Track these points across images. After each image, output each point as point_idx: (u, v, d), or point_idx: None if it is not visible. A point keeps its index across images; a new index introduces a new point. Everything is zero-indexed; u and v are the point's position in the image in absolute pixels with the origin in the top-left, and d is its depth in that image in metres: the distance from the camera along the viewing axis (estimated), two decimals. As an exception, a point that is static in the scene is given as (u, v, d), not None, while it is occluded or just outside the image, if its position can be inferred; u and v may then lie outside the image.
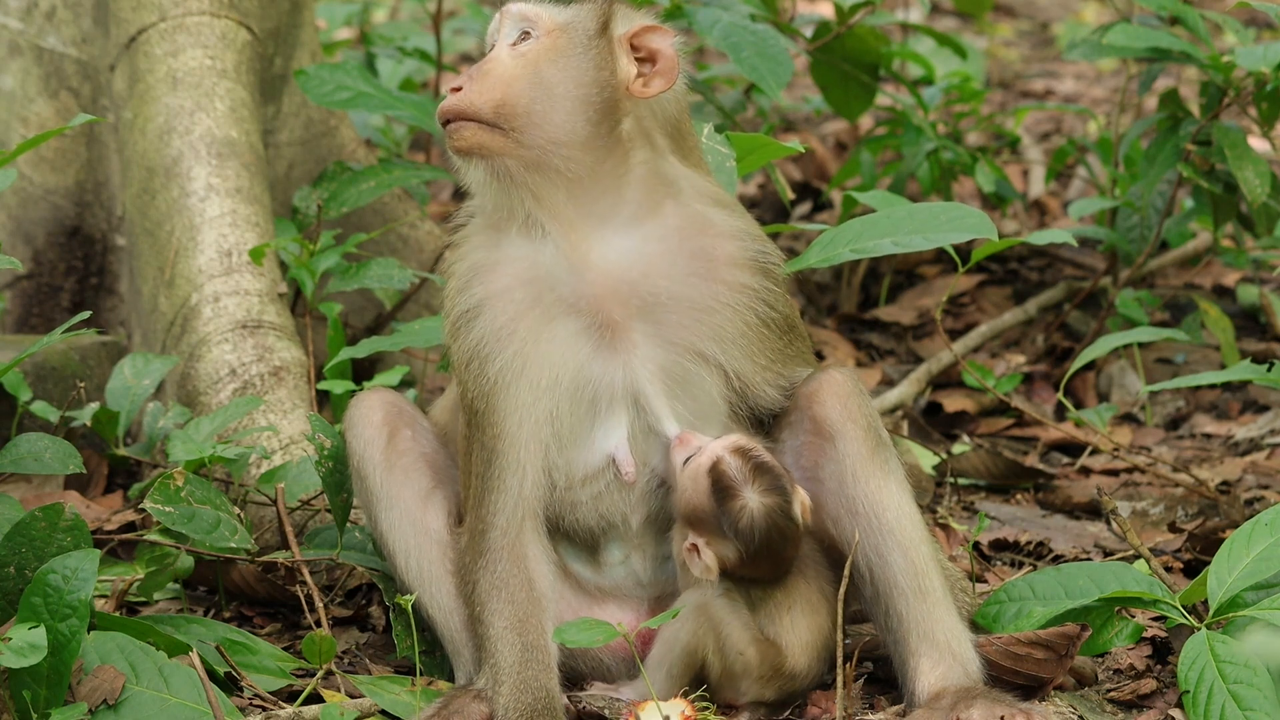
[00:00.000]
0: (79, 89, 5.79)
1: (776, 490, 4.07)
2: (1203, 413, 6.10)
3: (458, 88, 4.04)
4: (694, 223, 4.12)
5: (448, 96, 4.04)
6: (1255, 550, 4.14)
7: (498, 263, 4.12)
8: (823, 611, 4.17)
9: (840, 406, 4.14)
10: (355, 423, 4.34)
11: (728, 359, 4.13)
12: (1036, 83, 9.94)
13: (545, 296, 4.07)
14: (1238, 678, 3.94)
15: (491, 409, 4.07)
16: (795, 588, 4.16)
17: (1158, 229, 6.27)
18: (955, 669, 4.05)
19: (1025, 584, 4.27)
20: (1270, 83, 5.79)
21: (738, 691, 4.11)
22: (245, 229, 5.41)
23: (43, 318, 5.77)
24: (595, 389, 4.08)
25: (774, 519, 4.06)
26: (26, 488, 5.19)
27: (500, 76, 4.03)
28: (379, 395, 4.38)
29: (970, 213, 4.56)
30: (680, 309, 4.09)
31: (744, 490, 4.06)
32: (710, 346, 4.11)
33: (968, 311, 6.85)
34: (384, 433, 4.31)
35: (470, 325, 4.11)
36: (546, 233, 4.06)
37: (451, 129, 4.04)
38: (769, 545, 4.08)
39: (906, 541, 4.09)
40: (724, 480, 4.05)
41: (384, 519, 4.29)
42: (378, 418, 4.33)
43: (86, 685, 4.00)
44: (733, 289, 4.12)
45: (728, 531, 4.06)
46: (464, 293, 4.13)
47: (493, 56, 4.07)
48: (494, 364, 4.07)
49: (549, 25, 4.06)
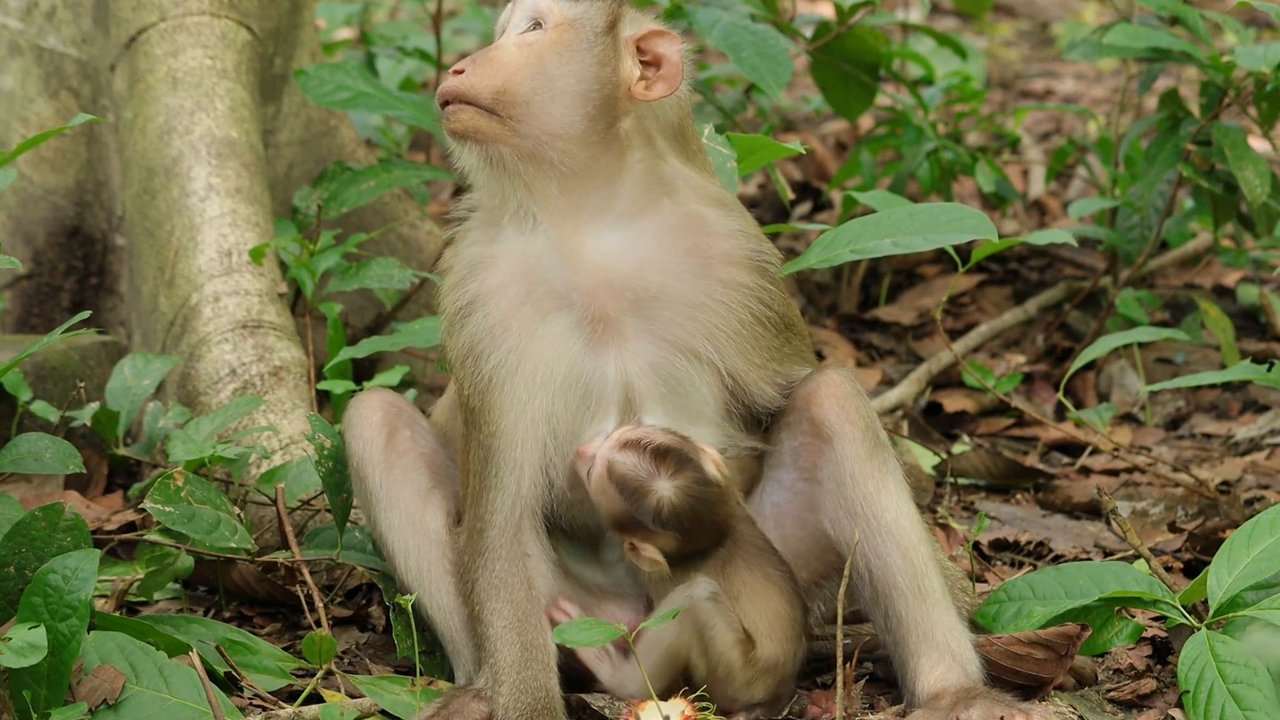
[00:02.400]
0: (79, 89, 5.79)
1: (683, 466, 4.04)
2: (1203, 413, 6.10)
3: (460, 70, 4.05)
4: (690, 221, 4.12)
5: (449, 78, 4.06)
6: (1256, 550, 4.14)
7: (493, 258, 4.12)
8: (772, 595, 4.13)
9: (838, 408, 4.14)
10: (354, 423, 4.33)
11: (721, 357, 4.13)
12: (1036, 83, 9.94)
13: (538, 290, 4.07)
14: (1238, 678, 3.94)
15: (487, 406, 4.07)
16: (737, 577, 4.13)
17: (1158, 229, 6.27)
18: (955, 669, 4.05)
19: (1025, 584, 4.26)
20: (1270, 83, 5.79)
21: (726, 696, 4.10)
22: (245, 229, 5.41)
23: (43, 318, 5.77)
24: (587, 385, 4.08)
25: (692, 494, 4.04)
26: (26, 488, 5.19)
27: (504, 64, 4.04)
28: (378, 395, 4.38)
29: (970, 213, 4.56)
30: (673, 305, 4.09)
31: (652, 483, 4.03)
32: (703, 344, 4.11)
33: (968, 311, 6.85)
34: (383, 433, 4.31)
35: (465, 321, 4.11)
36: (538, 224, 4.06)
37: (449, 110, 4.05)
38: (699, 519, 4.06)
39: (906, 542, 4.09)
40: (627, 482, 4.03)
41: (383, 519, 4.29)
42: (377, 418, 4.32)
43: (86, 685, 4.00)
44: (728, 286, 4.12)
45: (654, 526, 4.05)
46: (459, 289, 4.14)
47: (499, 44, 4.09)
48: (489, 361, 4.07)
49: (558, 19, 4.07)
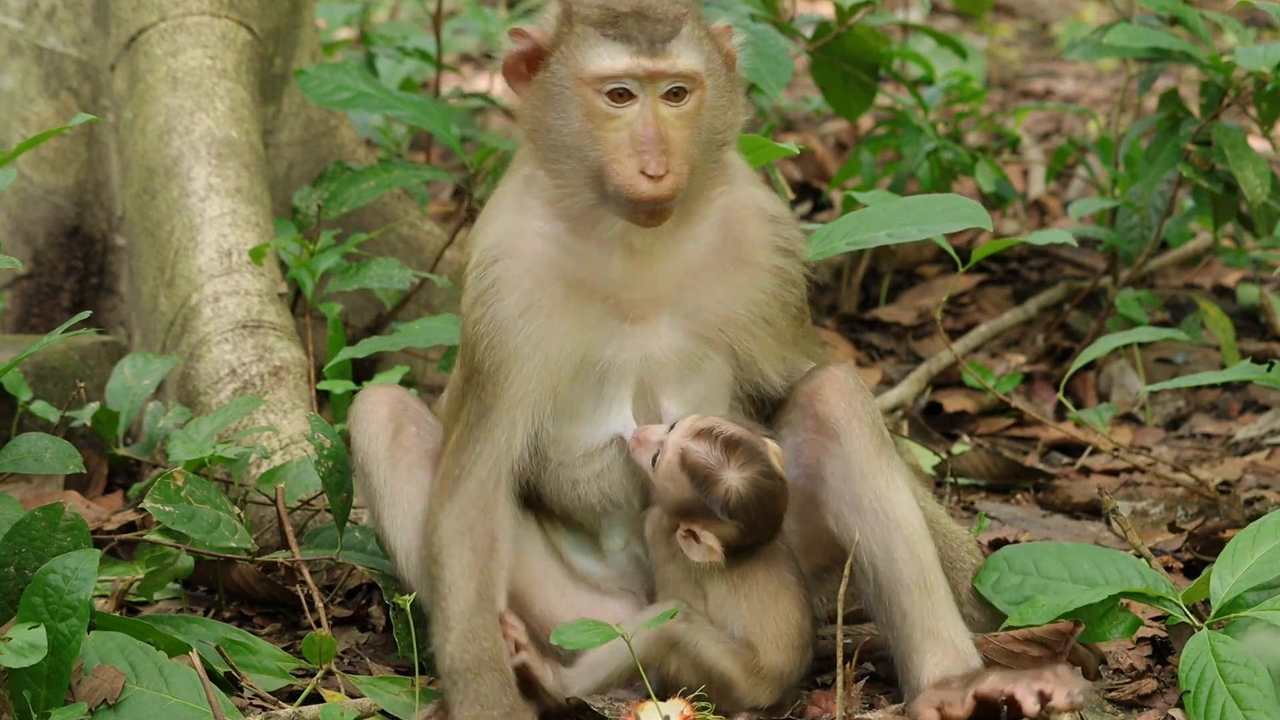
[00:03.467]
0: (79, 89, 5.79)
1: (753, 458, 4.07)
2: (1203, 413, 6.10)
3: (658, 175, 3.92)
4: (736, 206, 4.14)
5: (648, 183, 3.94)
6: (1259, 551, 4.14)
7: (526, 235, 4.09)
8: (784, 600, 4.14)
9: (844, 404, 4.15)
10: (360, 418, 4.32)
11: (743, 343, 4.15)
12: (1036, 83, 9.94)
13: (575, 274, 4.06)
14: (1239, 678, 3.94)
15: (500, 375, 4.06)
16: (753, 576, 4.15)
17: (1158, 229, 6.26)
18: (959, 662, 4.07)
19: (1029, 558, 4.25)
20: (1270, 83, 5.79)
21: (729, 701, 4.10)
22: (245, 229, 5.41)
23: (43, 318, 5.77)
24: (606, 368, 4.09)
25: (761, 486, 4.07)
26: (26, 488, 5.19)
27: (683, 150, 3.97)
28: (385, 391, 4.37)
29: (965, 203, 4.56)
30: (707, 295, 4.11)
31: (723, 472, 4.06)
32: (729, 329, 4.14)
33: (968, 311, 6.85)
34: (389, 429, 4.30)
35: (491, 298, 4.08)
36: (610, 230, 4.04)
37: (663, 211, 3.96)
38: (763, 511, 4.09)
39: (913, 538, 4.10)
40: (700, 470, 4.06)
41: (386, 516, 4.28)
42: (383, 413, 4.31)
43: (86, 685, 4.00)
44: (761, 271, 4.14)
45: (721, 515, 4.06)
46: (489, 265, 4.11)
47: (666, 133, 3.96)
48: (513, 338, 4.06)
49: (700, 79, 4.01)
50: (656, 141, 3.94)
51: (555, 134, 4.02)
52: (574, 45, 4.00)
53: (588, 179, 4.00)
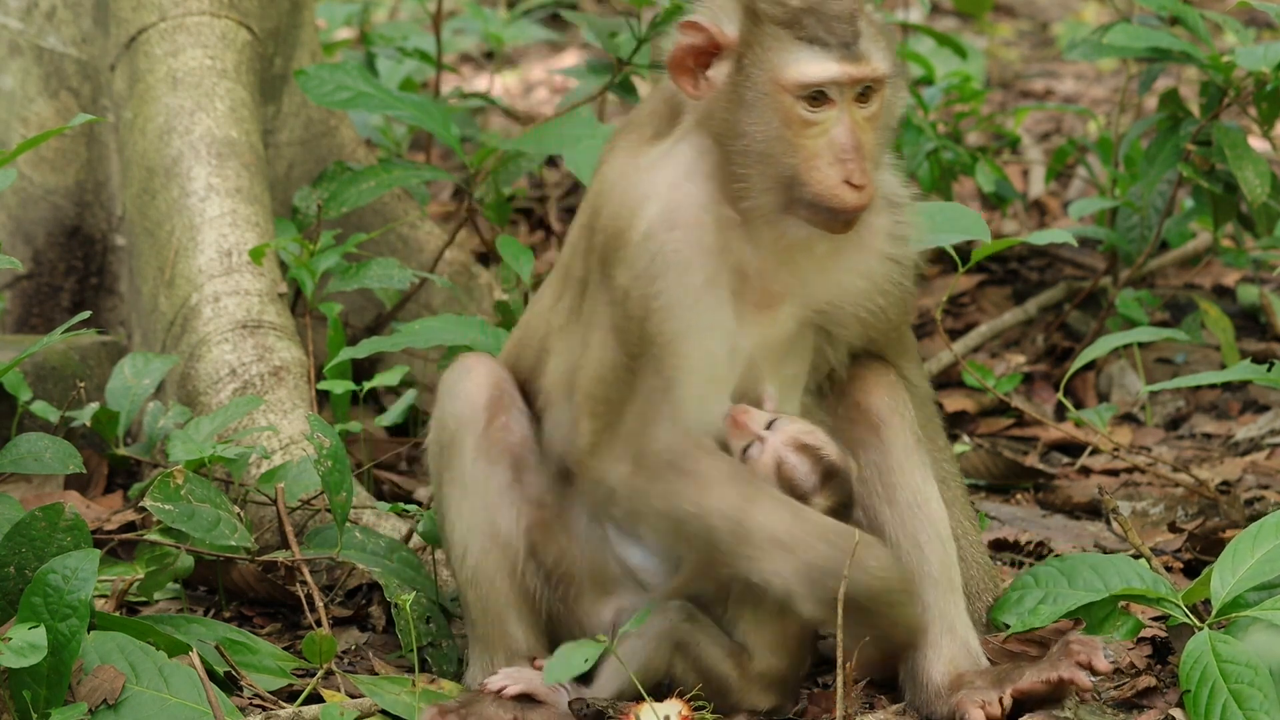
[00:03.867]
0: (79, 89, 5.79)
1: (842, 492, 4.05)
2: (1203, 413, 6.10)
3: (861, 185, 3.90)
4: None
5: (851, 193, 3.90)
6: (1260, 551, 4.14)
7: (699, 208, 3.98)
8: None
9: (888, 397, 4.17)
10: (457, 396, 4.22)
11: (848, 327, 4.14)
12: (1036, 83, 9.94)
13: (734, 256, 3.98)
14: (1239, 678, 3.94)
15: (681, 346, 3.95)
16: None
17: (1158, 229, 6.26)
18: (970, 659, 4.11)
19: (1029, 576, 4.29)
20: (1270, 83, 5.79)
21: (727, 704, 4.09)
22: (245, 229, 5.41)
23: (43, 318, 5.77)
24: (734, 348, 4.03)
25: (839, 517, 4.02)
26: (26, 488, 5.19)
27: (876, 154, 3.97)
28: (486, 370, 4.24)
29: (965, 213, 4.58)
30: (828, 277, 4.07)
31: (813, 498, 4.01)
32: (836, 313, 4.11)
33: (968, 311, 6.85)
34: (484, 416, 4.20)
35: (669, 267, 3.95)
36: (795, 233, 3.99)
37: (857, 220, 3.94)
38: None
39: (945, 533, 4.14)
40: (791, 485, 4.01)
41: (454, 505, 4.20)
42: (482, 400, 4.20)
43: (86, 685, 4.00)
44: (876, 257, 4.10)
45: None
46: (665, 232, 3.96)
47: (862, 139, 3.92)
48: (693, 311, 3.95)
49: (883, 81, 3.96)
50: (857, 149, 3.89)
51: (748, 139, 3.92)
52: (767, 48, 3.90)
53: (777, 183, 3.92)
